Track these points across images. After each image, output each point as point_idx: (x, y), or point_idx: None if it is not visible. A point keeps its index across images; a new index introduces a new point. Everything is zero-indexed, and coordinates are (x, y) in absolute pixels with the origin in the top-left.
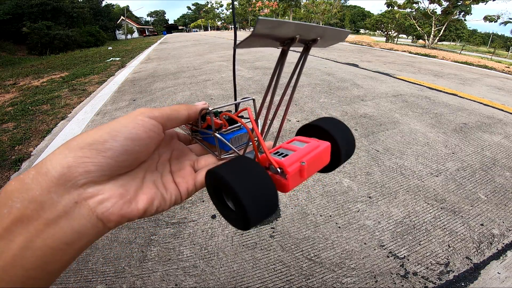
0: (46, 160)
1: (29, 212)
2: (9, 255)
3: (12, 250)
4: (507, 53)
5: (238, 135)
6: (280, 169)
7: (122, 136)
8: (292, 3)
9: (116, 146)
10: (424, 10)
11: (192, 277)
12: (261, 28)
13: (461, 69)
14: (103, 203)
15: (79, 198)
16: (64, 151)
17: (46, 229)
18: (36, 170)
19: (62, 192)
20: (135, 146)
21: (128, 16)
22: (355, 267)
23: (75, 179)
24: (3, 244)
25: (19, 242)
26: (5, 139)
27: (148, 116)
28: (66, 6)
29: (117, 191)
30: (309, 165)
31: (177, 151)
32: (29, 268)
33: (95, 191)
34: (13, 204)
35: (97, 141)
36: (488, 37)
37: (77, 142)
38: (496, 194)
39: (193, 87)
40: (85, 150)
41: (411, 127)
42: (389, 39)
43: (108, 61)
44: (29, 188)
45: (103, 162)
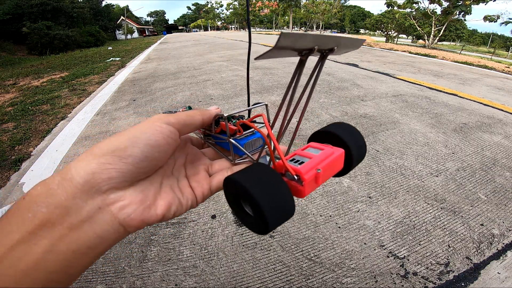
0: (70, 167)
1: (54, 216)
2: (32, 259)
3: (35, 254)
4: (507, 53)
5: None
6: (297, 176)
7: (142, 143)
8: (292, 3)
9: (136, 152)
10: (424, 10)
11: (192, 277)
12: (283, 42)
13: (461, 69)
14: (125, 209)
15: (102, 204)
16: (88, 158)
17: (70, 234)
18: (61, 176)
19: (86, 198)
20: (154, 152)
21: (128, 16)
22: (355, 267)
23: (98, 185)
24: (27, 247)
25: (43, 245)
26: (5, 139)
27: (165, 122)
28: (66, 6)
29: (138, 197)
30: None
31: (191, 155)
32: (51, 271)
33: (117, 197)
34: (39, 208)
35: (118, 148)
36: (488, 37)
37: (100, 149)
38: (496, 194)
39: (193, 87)
40: (107, 156)
41: (411, 127)
42: (389, 39)
43: (108, 61)
44: (55, 194)
45: (124, 169)
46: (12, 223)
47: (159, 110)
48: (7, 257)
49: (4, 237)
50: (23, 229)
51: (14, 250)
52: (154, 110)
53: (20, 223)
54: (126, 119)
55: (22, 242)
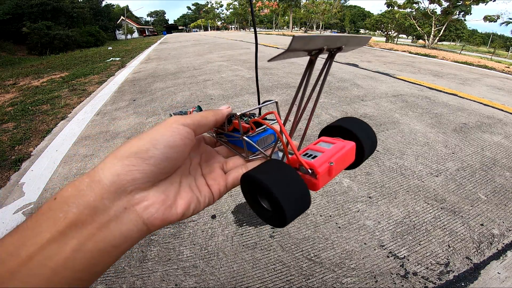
0: (98, 169)
1: (84, 216)
2: (62, 258)
3: (65, 253)
4: (507, 53)
5: (264, 137)
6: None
7: (162, 144)
8: (292, 3)
9: (157, 153)
10: (424, 10)
11: (192, 277)
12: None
13: (461, 69)
14: (149, 208)
15: (128, 204)
16: (113, 161)
17: (98, 233)
18: (90, 178)
19: (113, 198)
20: (173, 152)
21: (128, 16)
22: (355, 267)
23: (124, 186)
24: (57, 246)
25: (72, 245)
26: (5, 139)
27: (182, 124)
28: (66, 6)
29: (160, 197)
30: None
31: (206, 154)
32: (78, 270)
33: (142, 198)
34: (69, 209)
35: (140, 150)
36: (488, 37)
37: (123, 151)
38: (496, 194)
39: (193, 87)
40: (131, 158)
41: (411, 127)
42: (389, 39)
43: (108, 61)
44: (84, 195)
45: (147, 170)
46: (42, 223)
47: (159, 110)
48: (38, 256)
49: (35, 237)
50: (54, 229)
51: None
52: (154, 110)
53: (51, 223)
54: (126, 119)
55: (52, 241)
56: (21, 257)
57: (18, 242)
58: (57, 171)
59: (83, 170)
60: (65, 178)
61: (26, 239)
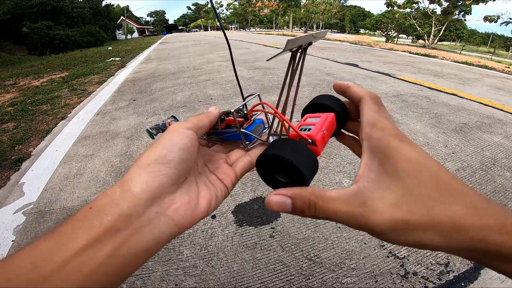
0: (126, 180)
1: (119, 224)
2: (96, 263)
3: (99, 258)
4: (507, 53)
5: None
6: (310, 140)
7: (176, 148)
8: (292, 3)
9: (174, 157)
10: (424, 10)
11: (192, 277)
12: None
13: (461, 69)
14: (178, 211)
15: (159, 209)
16: (137, 170)
17: (131, 238)
18: (121, 188)
19: (145, 205)
20: (186, 154)
21: (128, 16)
22: (355, 267)
23: (154, 192)
24: (92, 252)
25: (106, 250)
26: (5, 139)
27: (186, 128)
28: (66, 6)
29: (185, 198)
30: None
31: (206, 155)
32: (111, 274)
33: (170, 201)
34: (105, 216)
35: (159, 156)
36: (488, 37)
37: (144, 160)
38: (496, 194)
39: (193, 87)
40: (153, 165)
41: (411, 127)
42: (389, 39)
43: (108, 61)
44: (118, 203)
45: (170, 173)
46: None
47: (159, 110)
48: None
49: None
50: (89, 235)
51: (80, 255)
52: (154, 110)
53: (87, 229)
54: (126, 119)
55: (88, 247)
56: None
57: (53, 248)
58: (57, 171)
59: (83, 170)
60: (65, 178)
61: (61, 244)
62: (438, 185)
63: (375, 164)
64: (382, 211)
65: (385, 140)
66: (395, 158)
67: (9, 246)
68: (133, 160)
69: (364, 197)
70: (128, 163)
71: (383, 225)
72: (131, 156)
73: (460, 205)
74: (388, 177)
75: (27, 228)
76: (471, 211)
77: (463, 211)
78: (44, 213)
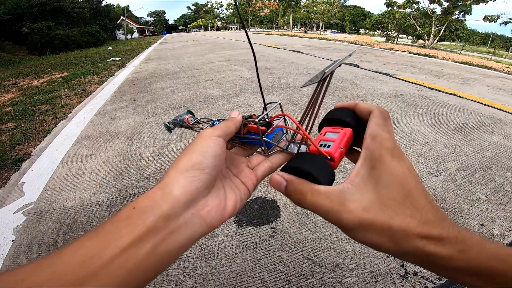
0: (166, 182)
1: (159, 223)
2: (138, 260)
3: (140, 255)
4: (507, 53)
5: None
6: (329, 156)
7: (210, 155)
8: (292, 3)
9: (208, 163)
10: (424, 10)
11: (192, 277)
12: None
13: (461, 69)
14: (210, 212)
15: (194, 210)
16: (176, 174)
17: (169, 237)
18: (162, 191)
19: (183, 207)
20: (217, 161)
21: (128, 16)
22: (355, 267)
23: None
24: (135, 250)
25: (147, 248)
26: (5, 139)
27: (217, 135)
28: (66, 6)
29: (216, 201)
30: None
31: (228, 158)
32: (149, 270)
33: (204, 204)
34: (147, 217)
35: (196, 162)
36: (488, 37)
37: (182, 165)
38: (496, 194)
39: (193, 87)
40: (190, 171)
41: (411, 127)
42: (389, 39)
43: (108, 61)
44: (159, 205)
45: (204, 178)
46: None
47: (159, 110)
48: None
49: (116, 241)
50: (133, 234)
51: (124, 253)
52: (154, 110)
53: (130, 229)
54: (126, 119)
55: (131, 245)
56: (103, 259)
57: (99, 245)
58: (57, 171)
59: (83, 170)
60: (65, 178)
61: (107, 242)
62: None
63: (363, 172)
64: (353, 212)
65: (378, 152)
66: (380, 171)
67: (9, 246)
68: (133, 160)
69: (344, 198)
70: (128, 163)
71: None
72: (131, 156)
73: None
74: (370, 185)
75: (27, 228)
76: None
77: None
78: (44, 213)
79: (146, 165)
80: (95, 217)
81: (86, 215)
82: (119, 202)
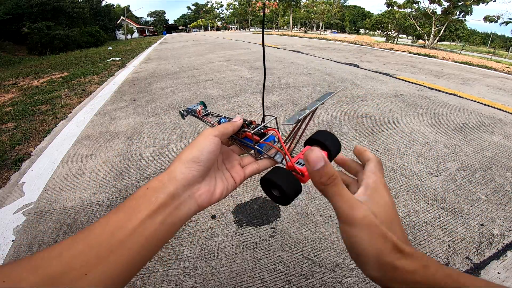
0: (172, 169)
1: (167, 200)
2: (153, 229)
3: (155, 225)
4: (507, 53)
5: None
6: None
7: (206, 151)
8: (292, 3)
9: (204, 158)
10: (424, 10)
11: (192, 277)
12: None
13: (461, 69)
14: (202, 196)
15: (190, 193)
16: (179, 164)
17: (173, 212)
18: (168, 175)
19: (183, 189)
20: (212, 156)
21: (128, 16)
22: (355, 267)
23: (189, 181)
24: (150, 221)
25: (159, 220)
26: (5, 139)
27: (213, 135)
28: (66, 6)
29: (206, 188)
30: None
31: (226, 154)
32: (160, 238)
33: (197, 189)
34: (158, 195)
35: (194, 156)
36: (488, 37)
37: (184, 157)
38: (496, 194)
39: (193, 87)
40: (190, 162)
41: (411, 127)
42: (389, 39)
43: (108, 61)
44: (167, 186)
45: (200, 169)
46: (141, 204)
47: (159, 110)
48: (139, 228)
49: (136, 214)
50: (149, 208)
51: (144, 223)
52: (154, 110)
53: (147, 204)
54: (126, 119)
55: (148, 217)
56: (128, 229)
57: (123, 218)
58: (57, 171)
59: (83, 170)
60: (65, 178)
61: (130, 216)
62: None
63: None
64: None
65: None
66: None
67: (9, 246)
68: (133, 160)
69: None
70: (128, 163)
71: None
72: (131, 156)
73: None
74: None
75: (27, 228)
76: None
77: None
78: (44, 213)
79: (146, 165)
80: (95, 217)
81: (86, 215)
82: (119, 202)
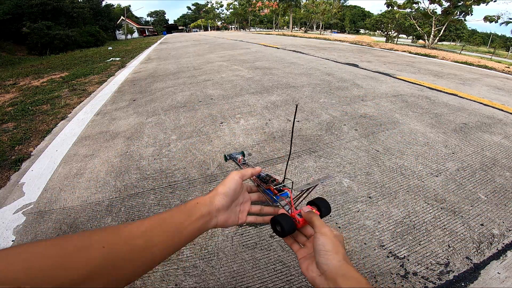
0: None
1: (206, 214)
2: (196, 228)
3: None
4: (507, 53)
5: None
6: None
7: (232, 189)
8: (292, 3)
9: (231, 193)
10: (424, 10)
11: (192, 277)
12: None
13: (461, 69)
14: (221, 220)
15: (217, 214)
16: (216, 195)
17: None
18: (210, 199)
19: (215, 212)
20: (235, 193)
21: (128, 16)
22: (355, 267)
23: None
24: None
25: (200, 223)
26: (5, 139)
27: (238, 177)
28: (66, 6)
29: (225, 216)
30: None
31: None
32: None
33: (221, 214)
34: (202, 208)
35: (224, 192)
36: (488, 37)
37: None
38: (496, 194)
39: (193, 87)
40: (222, 195)
41: (411, 127)
42: (389, 39)
43: (108, 61)
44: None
45: (227, 201)
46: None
47: (159, 110)
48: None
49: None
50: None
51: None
52: (154, 110)
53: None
54: (126, 119)
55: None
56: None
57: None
58: (57, 171)
59: (83, 170)
60: (65, 178)
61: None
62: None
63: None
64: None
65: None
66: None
67: (9, 246)
68: (133, 160)
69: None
70: (128, 163)
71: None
72: (131, 156)
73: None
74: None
75: (27, 228)
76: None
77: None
78: (44, 213)
79: (146, 165)
80: (95, 217)
81: (86, 215)
82: (119, 202)
